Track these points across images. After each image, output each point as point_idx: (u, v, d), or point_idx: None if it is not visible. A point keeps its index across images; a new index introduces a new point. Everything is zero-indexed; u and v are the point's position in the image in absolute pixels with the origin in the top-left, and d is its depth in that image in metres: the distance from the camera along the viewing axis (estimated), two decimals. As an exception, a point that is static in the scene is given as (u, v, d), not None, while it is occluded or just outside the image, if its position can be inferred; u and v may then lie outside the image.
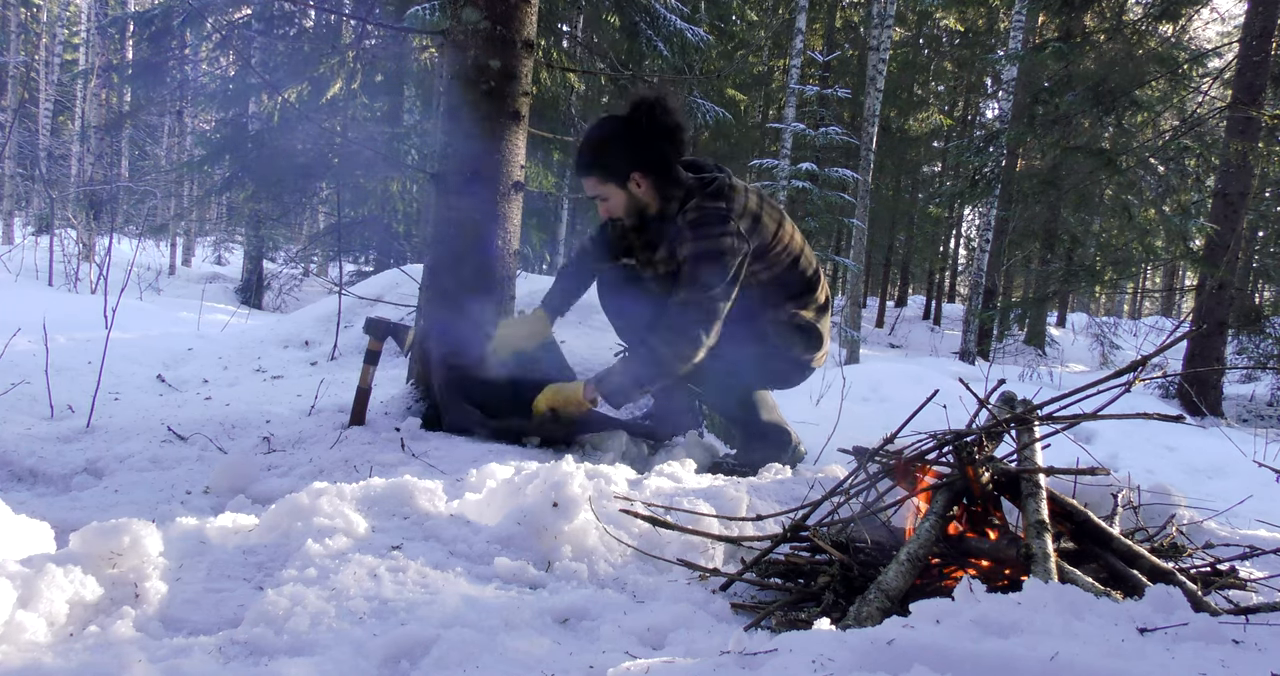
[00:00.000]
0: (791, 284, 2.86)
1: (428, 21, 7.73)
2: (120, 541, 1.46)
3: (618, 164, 2.70)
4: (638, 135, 2.69)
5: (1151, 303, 28.98)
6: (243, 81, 10.53)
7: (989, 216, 13.59)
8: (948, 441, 1.88)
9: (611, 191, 2.74)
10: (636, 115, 2.69)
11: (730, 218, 2.65)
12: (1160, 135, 10.15)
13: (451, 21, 2.98)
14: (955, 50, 21.92)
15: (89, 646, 1.30)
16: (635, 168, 2.70)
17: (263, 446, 2.79)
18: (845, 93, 12.18)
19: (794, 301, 2.88)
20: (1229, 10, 25.61)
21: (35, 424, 3.03)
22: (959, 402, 2.33)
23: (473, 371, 2.94)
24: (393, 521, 1.87)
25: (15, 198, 20.42)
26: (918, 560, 1.61)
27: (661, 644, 1.47)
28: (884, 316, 23.16)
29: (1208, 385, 8.39)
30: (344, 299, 4.94)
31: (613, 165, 2.71)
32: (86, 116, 22.23)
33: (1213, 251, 8.48)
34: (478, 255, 3.00)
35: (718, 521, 2.01)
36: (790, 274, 2.85)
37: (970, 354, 13.18)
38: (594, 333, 4.09)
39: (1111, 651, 1.19)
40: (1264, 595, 1.87)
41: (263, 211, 12.83)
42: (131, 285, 8.90)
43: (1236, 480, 3.90)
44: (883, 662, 1.19)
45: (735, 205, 2.69)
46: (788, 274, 2.84)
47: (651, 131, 2.69)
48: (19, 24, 22.87)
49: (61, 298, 7.31)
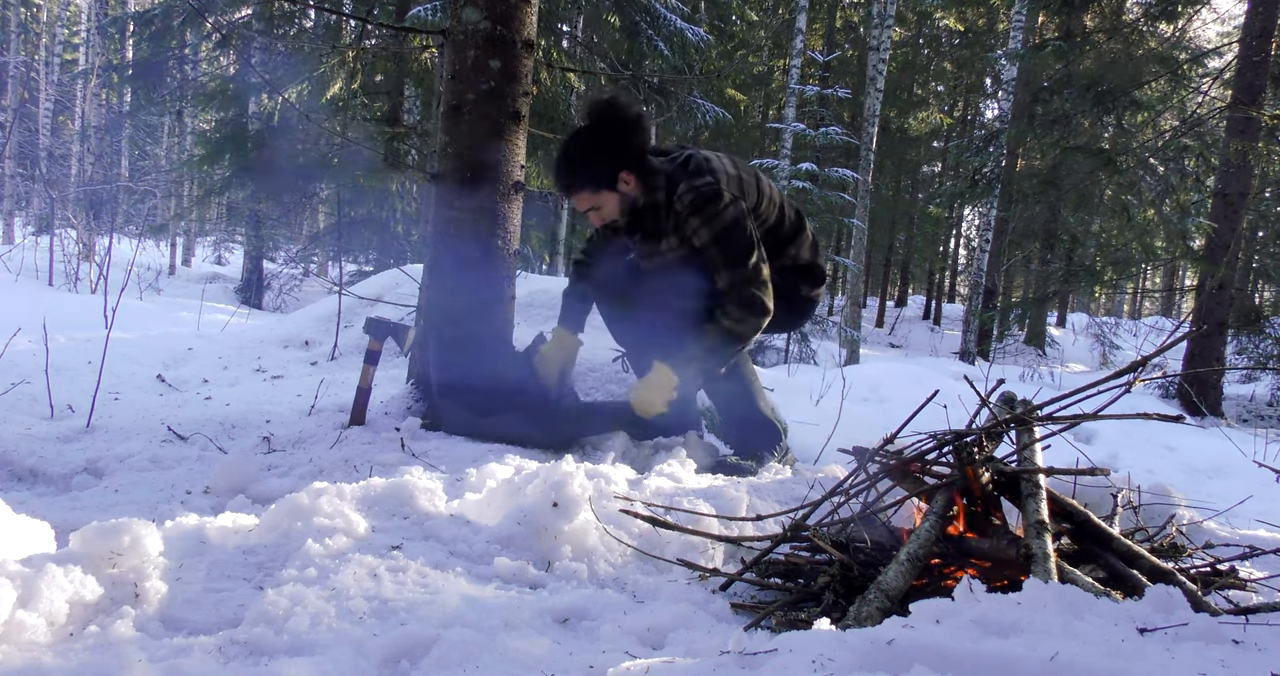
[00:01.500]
0: (783, 231, 2.95)
1: (428, 22, 7.73)
2: (120, 541, 1.46)
3: (604, 170, 2.74)
4: (613, 136, 2.73)
5: (1151, 303, 28.97)
6: (243, 81, 10.53)
7: (989, 216, 13.58)
8: (948, 441, 1.88)
9: (605, 199, 2.77)
10: (602, 118, 2.74)
11: (722, 189, 2.71)
12: (1160, 135, 10.15)
13: (451, 21, 2.98)
14: (955, 50, 21.91)
15: (89, 646, 1.30)
16: (622, 167, 2.74)
17: (263, 446, 2.79)
18: (845, 93, 12.17)
19: (790, 245, 2.96)
20: (1229, 10, 25.60)
21: (35, 424, 3.03)
22: (959, 402, 2.33)
23: (472, 373, 2.94)
24: (393, 521, 1.87)
25: (15, 198, 20.40)
26: (918, 560, 1.61)
27: (661, 644, 1.47)
28: (884, 316, 23.16)
29: (1208, 385, 8.39)
30: (344, 299, 4.94)
31: (600, 173, 2.74)
32: (86, 116, 22.23)
33: (1213, 251, 8.48)
34: (478, 255, 3.00)
35: (718, 521, 2.01)
36: (780, 222, 2.94)
37: (970, 354, 13.18)
38: (594, 333, 4.08)
39: (1111, 651, 1.19)
40: (1264, 595, 1.87)
41: (263, 211, 12.83)
42: (131, 285, 8.90)
43: (1236, 480, 3.90)
44: (883, 662, 1.19)
45: (719, 175, 2.75)
46: (778, 223, 2.93)
47: (623, 128, 2.73)
48: (19, 24, 22.86)
49: (61, 297, 7.31)
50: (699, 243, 2.72)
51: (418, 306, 3.29)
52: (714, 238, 2.69)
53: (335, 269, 16.25)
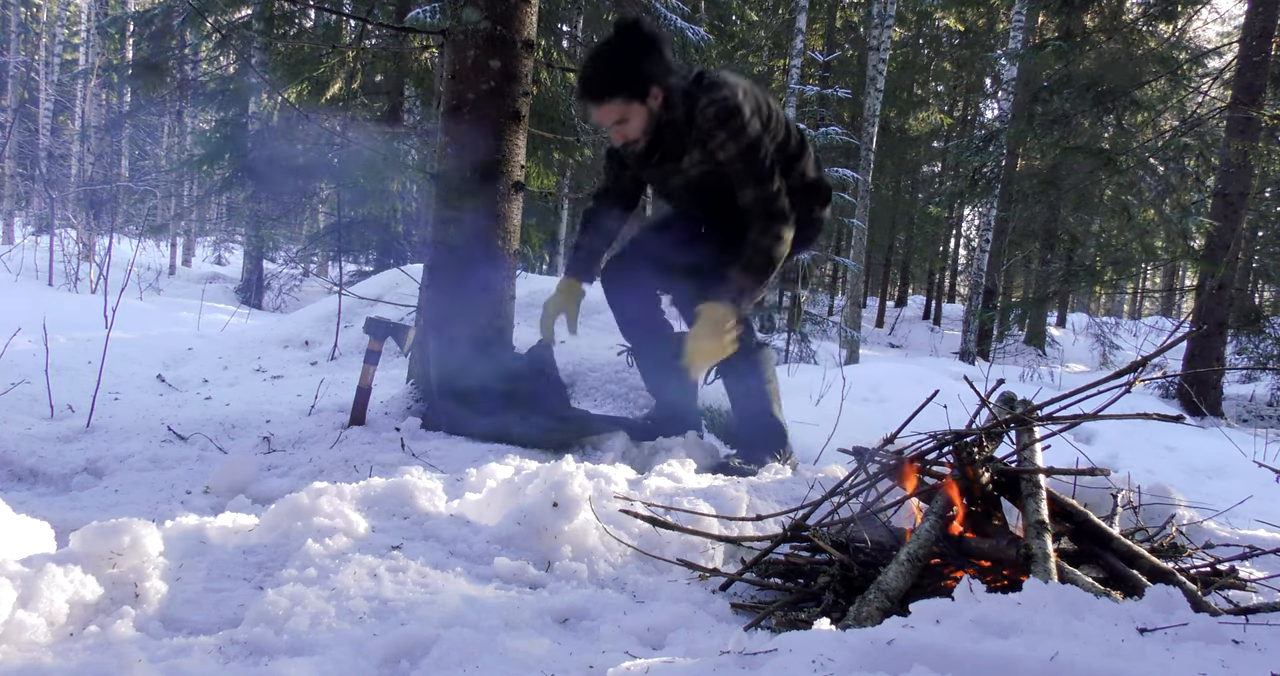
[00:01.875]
0: (790, 149, 2.93)
1: (428, 22, 7.72)
2: (120, 541, 1.46)
3: (638, 81, 2.67)
4: (646, 49, 2.68)
5: (1151, 303, 28.97)
6: (243, 81, 10.52)
7: (989, 216, 13.58)
8: (948, 441, 1.88)
9: (634, 111, 2.70)
10: (635, 33, 2.68)
11: (741, 104, 2.68)
12: (1160, 135, 10.15)
13: (451, 21, 2.98)
14: (955, 50, 21.92)
15: (89, 646, 1.30)
16: (653, 80, 2.68)
17: (263, 446, 2.80)
18: (845, 93, 12.17)
19: (797, 161, 2.95)
20: (1229, 10, 25.61)
21: (35, 424, 3.03)
22: (959, 402, 2.33)
23: (472, 373, 2.94)
24: (393, 521, 1.87)
25: (15, 198, 20.42)
26: (918, 560, 1.61)
27: (661, 644, 1.47)
28: (884, 316, 23.16)
29: (1208, 385, 8.39)
30: (344, 299, 4.94)
31: (634, 84, 2.67)
32: (86, 116, 22.22)
33: (1213, 251, 8.48)
34: (478, 255, 3.00)
35: (718, 521, 2.01)
36: (787, 140, 2.92)
37: (970, 354, 13.18)
38: (594, 333, 4.09)
39: (1111, 651, 1.19)
40: (1264, 595, 1.87)
41: (263, 211, 12.82)
42: (131, 285, 8.90)
43: (1236, 480, 3.91)
44: (883, 662, 1.19)
45: (735, 91, 2.72)
46: (784, 141, 2.91)
47: (655, 42, 2.69)
48: (19, 24, 22.87)
49: (61, 297, 7.31)
50: (724, 156, 2.69)
51: (418, 306, 3.29)
52: (740, 151, 2.66)
53: (335, 269, 16.25)
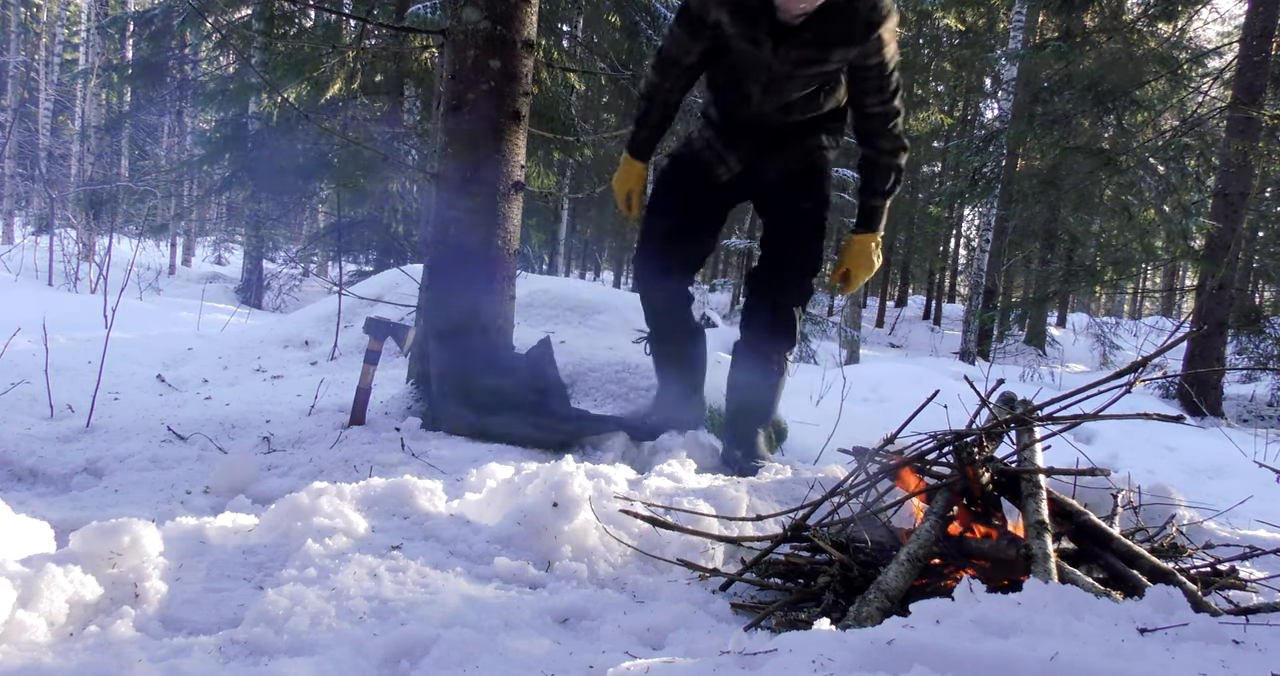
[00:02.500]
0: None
1: (428, 21, 7.73)
2: (120, 541, 1.46)
3: None
4: None
5: (1151, 303, 28.96)
6: (243, 81, 10.53)
7: (989, 216, 13.58)
8: (948, 441, 1.88)
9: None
10: None
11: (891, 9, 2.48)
12: (1160, 135, 10.15)
13: (451, 21, 2.98)
14: (955, 50, 21.90)
15: (89, 646, 1.30)
16: None
17: (263, 446, 2.79)
18: (845, 93, 12.15)
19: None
20: (1229, 10, 25.61)
21: (35, 424, 3.03)
22: (959, 402, 2.33)
23: (472, 373, 2.94)
24: (393, 521, 1.87)
25: (15, 197, 20.40)
26: (918, 560, 1.61)
27: (661, 644, 1.47)
28: (884, 316, 23.16)
29: (1208, 385, 8.40)
30: (344, 299, 4.94)
31: None
32: (86, 116, 22.21)
33: (1213, 251, 8.48)
34: (478, 255, 3.00)
35: (718, 521, 2.01)
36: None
37: (970, 354, 13.18)
38: (594, 333, 4.08)
39: (1111, 651, 1.19)
40: (1264, 595, 1.87)
41: (263, 211, 12.82)
42: (131, 285, 8.89)
43: (1236, 480, 3.91)
44: (883, 662, 1.19)
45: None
46: None
47: None
48: (19, 24, 22.86)
49: (61, 297, 7.31)
50: (876, 60, 2.48)
51: (418, 306, 3.29)
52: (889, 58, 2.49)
53: (335, 269, 16.25)
